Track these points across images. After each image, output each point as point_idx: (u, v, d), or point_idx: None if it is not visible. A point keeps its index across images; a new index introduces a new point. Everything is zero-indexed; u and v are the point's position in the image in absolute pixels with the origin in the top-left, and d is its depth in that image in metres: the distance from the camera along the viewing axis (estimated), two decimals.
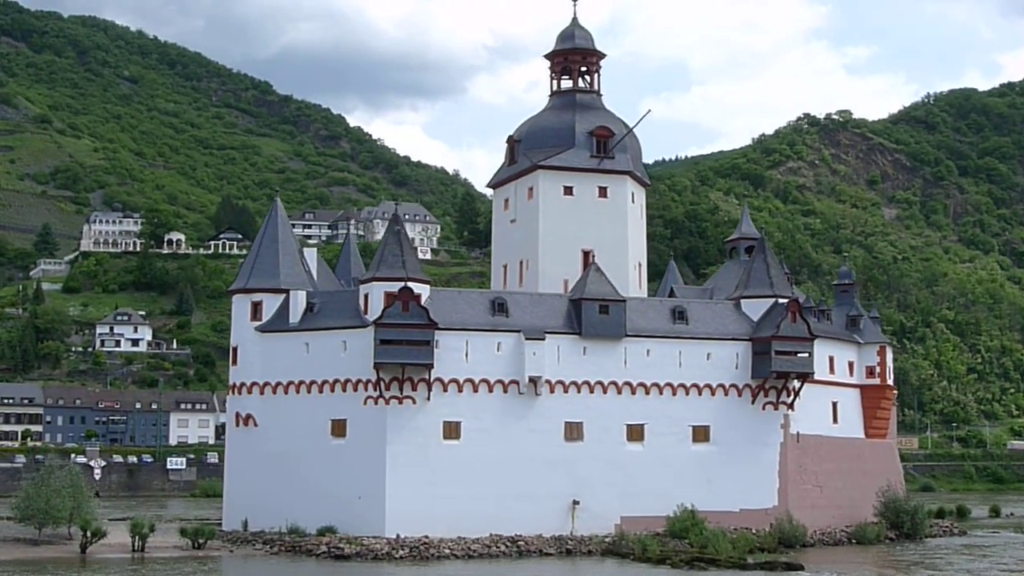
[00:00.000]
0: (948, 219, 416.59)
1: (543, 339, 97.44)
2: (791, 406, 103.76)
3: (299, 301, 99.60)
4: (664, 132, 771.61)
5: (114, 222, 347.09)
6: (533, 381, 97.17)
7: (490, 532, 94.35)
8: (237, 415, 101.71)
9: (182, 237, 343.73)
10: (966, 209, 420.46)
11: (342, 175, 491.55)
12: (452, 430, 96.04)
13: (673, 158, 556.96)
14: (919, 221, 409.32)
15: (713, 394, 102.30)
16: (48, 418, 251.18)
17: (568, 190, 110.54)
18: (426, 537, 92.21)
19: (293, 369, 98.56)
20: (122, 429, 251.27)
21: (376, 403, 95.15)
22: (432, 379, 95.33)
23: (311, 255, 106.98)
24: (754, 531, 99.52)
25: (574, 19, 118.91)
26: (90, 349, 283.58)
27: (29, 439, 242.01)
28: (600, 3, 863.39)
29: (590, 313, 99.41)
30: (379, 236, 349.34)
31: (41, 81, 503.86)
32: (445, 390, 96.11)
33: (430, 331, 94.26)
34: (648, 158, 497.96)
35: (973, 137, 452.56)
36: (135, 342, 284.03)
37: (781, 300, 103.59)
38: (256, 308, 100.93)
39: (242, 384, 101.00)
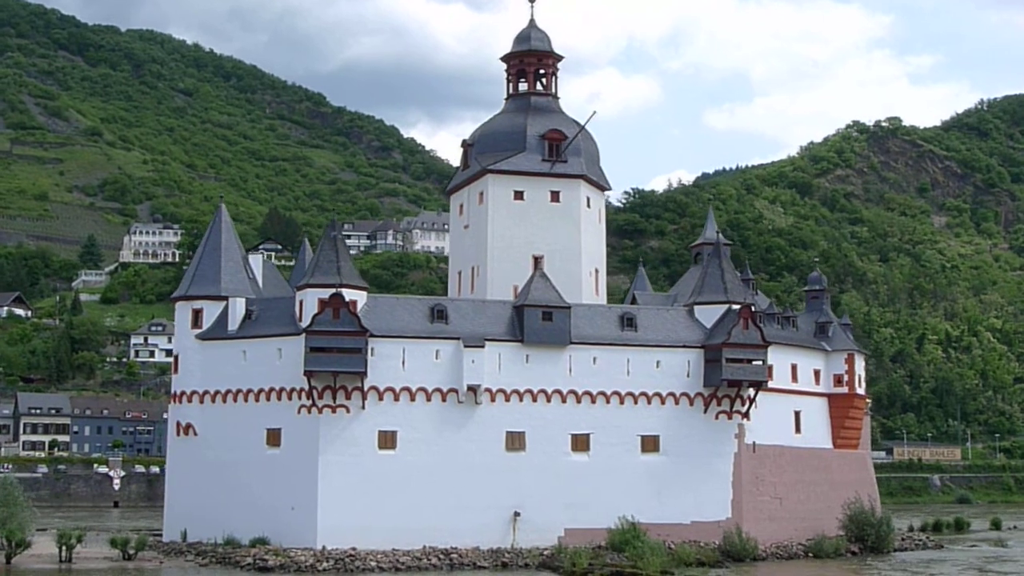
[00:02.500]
0: (999, 227, 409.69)
1: (482, 346, 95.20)
2: (746, 415, 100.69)
3: (238, 308, 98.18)
4: (728, 143, 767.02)
5: (154, 233, 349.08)
6: (472, 390, 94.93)
7: (425, 544, 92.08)
8: (178, 424, 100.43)
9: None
10: (1017, 216, 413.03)
11: (393, 186, 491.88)
12: (388, 440, 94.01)
13: (734, 168, 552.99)
14: (969, 229, 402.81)
15: (663, 403, 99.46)
16: (75, 428, 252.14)
17: (519, 195, 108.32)
18: (353, 549, 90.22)
19: (231, 377, 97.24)
20: (149, 439, 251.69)
21: (309, 412, 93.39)
22: (367, 387, 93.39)
23: (256, 262, 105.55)
24: (703, 544, 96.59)
25: (531, 21, 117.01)
26: (124, 360, 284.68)
27: (56, 449, 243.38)
28: (662, 15, 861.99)
29: (533, 320, 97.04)
30: (418, 247, 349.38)
31: (95, 94, 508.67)
32: (381, 399, 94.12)
33: (362, 338, 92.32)
34: (709, 168, 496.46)
35: None
36: (169, 352, 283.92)
37: (735, 306, 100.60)
38: (197, 316, 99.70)
39: (182, 393, 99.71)
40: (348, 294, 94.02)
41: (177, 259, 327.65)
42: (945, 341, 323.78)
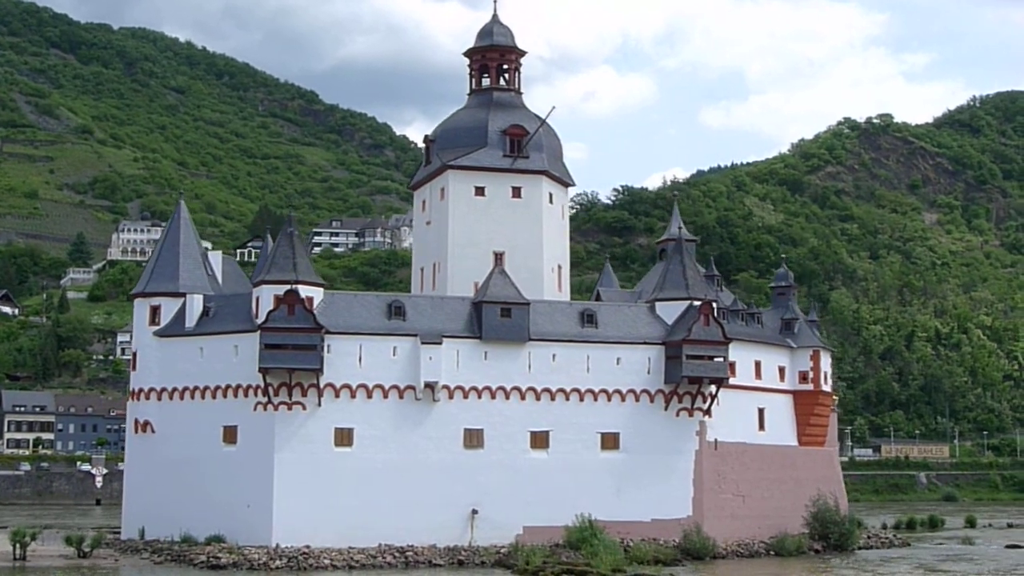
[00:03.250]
0: (990, 223, 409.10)
1: (440, 343, 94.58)
2: (707, 412, 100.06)
3: (195, 305, 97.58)
4: (723, 141, 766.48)
5: (142, 231, 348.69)
6: (430, 387, 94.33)
7: (381, 543, 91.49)
8: (136, 421, 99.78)
9: (209, 245, 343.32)
10: (1009, 213, 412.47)
11: (385, 183, 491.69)
12: (344, 437, 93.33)
13: (729, 165, 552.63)
14: (960, 226, 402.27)
15: (623, 400, 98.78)
16: (60, 426, 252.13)
17: (480, 190, 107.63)
18: (307, 547, 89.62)
19: (188, 374, 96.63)
20: None
21: (265, 409, 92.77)
22: (323, 385, 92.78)
23: (216, 258, 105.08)
24: (662, 542, 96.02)
25: (494, 16, 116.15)
26: (111, 357, 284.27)
27: (40, 447, 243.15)
28: (657, 13, 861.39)
29: (491, 316, 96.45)
30: (407, 244, 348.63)
31: (87, 92, 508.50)
32: (337, 396, 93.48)
33: (317, 335, 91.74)
34: (704, 166, 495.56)
35: (1019, 140, 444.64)
36: None
37: (696, 303, 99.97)
38: (155, 312, 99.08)
39: (140, 390, 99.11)
40: (304, 291, 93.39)
41: None
42: (935, 338, 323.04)
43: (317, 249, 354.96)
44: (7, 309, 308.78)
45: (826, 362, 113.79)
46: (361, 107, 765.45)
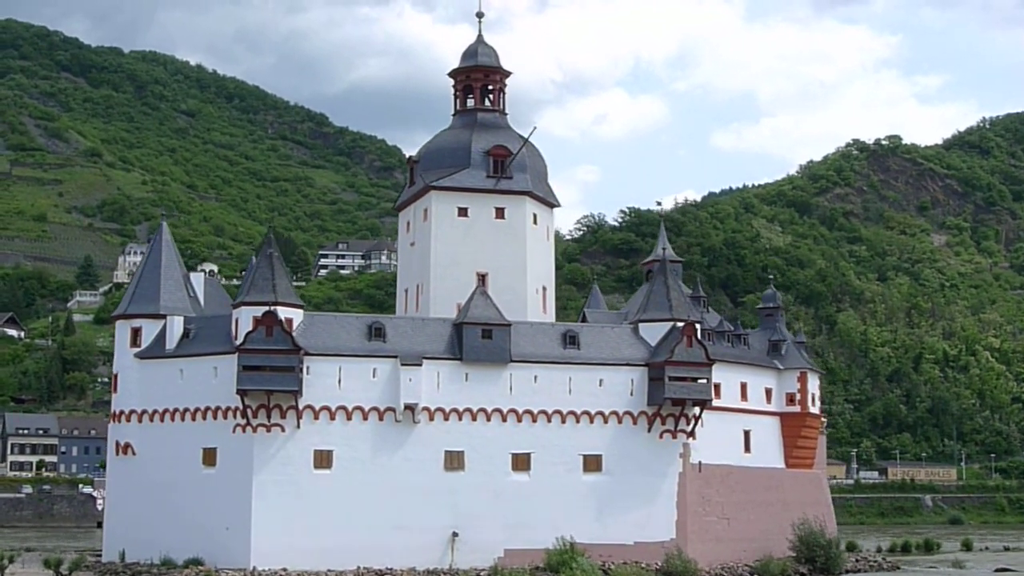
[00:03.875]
0: (999, 245, 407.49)
1: (420, 365, 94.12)
2: (691, 434, 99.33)
3: (176, 327, 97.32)
4: (735, 164, 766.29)
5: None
6: (410, 408, 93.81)
7: (359, 565, 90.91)
8: (117, 443, 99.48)
9: (215, 268, 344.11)
10: (1018, 235, 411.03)
11: (393, 206, 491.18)
12: (323, 459, 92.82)
13: (740, 188, 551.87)
14: (969, 248, 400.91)
15: (606, 422, 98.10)
16: (63, 448, 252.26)
17: (463, 211, 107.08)
18: (284, 570, 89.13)
19: (168, 396, 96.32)
20: None
21: (244, 431, 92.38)
22: (302, 406, 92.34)
23: (198, 280, 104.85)
24: (644, 565, 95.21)
25: (479, 36, 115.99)
26: None
27: (43, 469, 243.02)
28: (669, 36, 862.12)
29: (472, 338, 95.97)
30: None
31: (97, 116, 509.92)
32: (316, 418, 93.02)
33: (295, 356, 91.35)
34: (715, 187, 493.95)
35: None
36: None
37: (679, 324, 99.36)
38: (136, 334, 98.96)
39: (121, 412, 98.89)
40: (284, 312, 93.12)
41: None
42: (943, 360, 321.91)
43: (323, 271, 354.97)
44: (13, 332, 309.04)
45: (814, 384, 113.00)
46: (371, 130, 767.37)
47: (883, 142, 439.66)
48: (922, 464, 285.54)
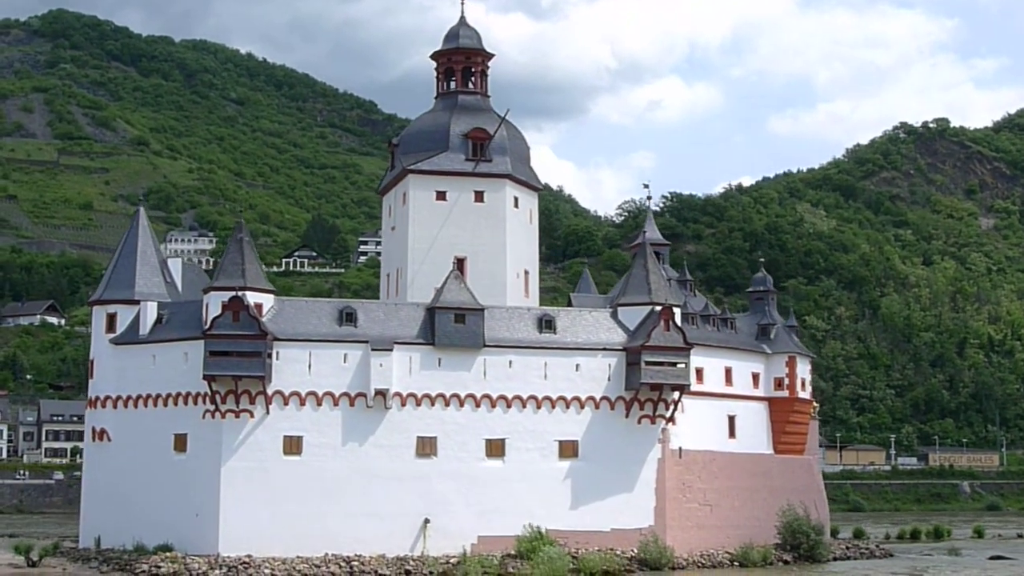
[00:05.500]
0: None
1: (390, 350, 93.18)
2: (670, 419, 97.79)
3: (150, 312, 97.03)
4: (791, 149, 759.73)
5: (190, 241, 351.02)
6: (381, 394, 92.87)
7: (328, 552, 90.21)
8: (93, 430, 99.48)
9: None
10: None
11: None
12: (293, 445, 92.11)
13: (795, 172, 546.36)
14: (1018, 231, 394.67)
15: (583, 407, 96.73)
16: None
17: (441, 195, 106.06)
18: (249, 556, 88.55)
19: (142, 382, 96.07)
20: None
21: (213, 417, 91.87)
22: (271, 392, 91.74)
23: (176, 265, 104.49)
24: (619, 552, 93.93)
25: (461, 18, 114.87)
26: None
27: (78, 456, 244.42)
28: (723, 22, 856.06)
29: (445, 322, 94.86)
30: None
31: (147, 104, 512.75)
32: (286, 403, 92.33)
33: (261, 342, 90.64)
34: (770, 173, 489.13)
35: None
36: None
37: (658, 308, 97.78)
38: (111, 320, 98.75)
39: (96, 398, 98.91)
40: (254, 297, 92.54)
41: (211, 266, 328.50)
42: (987, 345, 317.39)
43: (363, 258, 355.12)
44: (53, 319, 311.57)
45: (803, 368, 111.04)
46: None
47: (931, 125, 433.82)
48: (963, 450, 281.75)
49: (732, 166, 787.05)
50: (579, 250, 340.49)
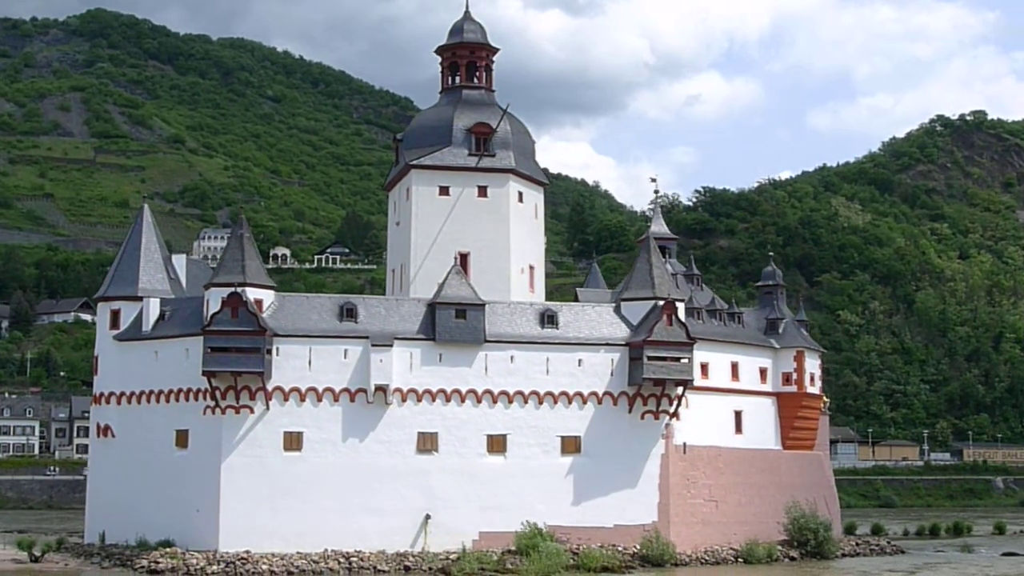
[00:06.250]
0: None
1: (390, 346, 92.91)
2: (674, 415, 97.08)
3: (153, 309, 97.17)
4: (831, 143, 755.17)
5: (222, 238, 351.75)
6: (381, 390, 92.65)
7: (328, 548, 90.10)
8: (98, 426, 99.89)
9: (287, 252, 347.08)
10: None
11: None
12: (293, 441, 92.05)
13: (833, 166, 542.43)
14: None
15: (585, 403, 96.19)
16: None
17: (444, 190, 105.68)
18: (247, 552, 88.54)
19: (144, 378, 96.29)
20: None
21: (213, 413, 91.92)
22: (271, 388, 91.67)
23: (180, 262, 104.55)
24: (621, 548, 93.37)
25: (466, 12, 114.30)
26: None
27: None
28: (761, 17, 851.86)
29: (445, 318, 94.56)
30: None
31: (184, 103, 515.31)
32: (286, 399, 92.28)
33: (260, 338, 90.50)
34: (809, 167, 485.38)
35: None
36: None
37: (660, 302, 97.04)
38: (115, 316, 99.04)
39: (101, 394, 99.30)
40: (254, 293, 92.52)
41: None
42: (1023, 340, 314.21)
43: None
44: (87, 316, 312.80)
45: (812, 363, 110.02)
46: None
47: (968, 117, 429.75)
48: (998, 445, 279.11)
49: (772, 161, 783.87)
50: (611, 245, 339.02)
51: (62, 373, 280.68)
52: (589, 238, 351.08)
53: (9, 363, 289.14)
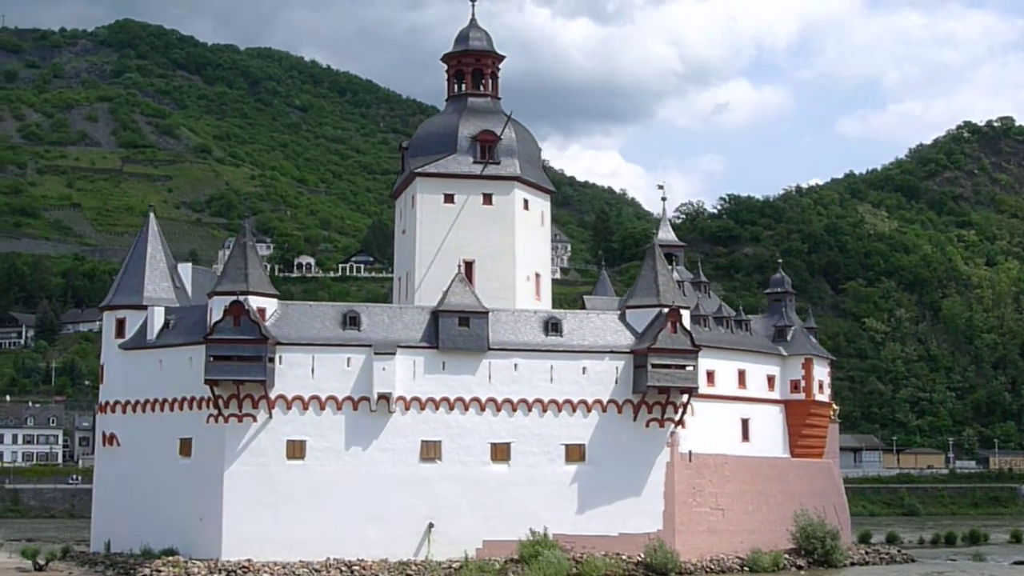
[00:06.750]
0: None
1: (394, 354, 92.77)
2: (679, 423, 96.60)
3: (157, 317, 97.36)
4: (860, 150, 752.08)
5: None
6: (384, 398, 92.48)
7: (330, 556, 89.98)
8: (103, 435, 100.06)
9: (311, 261, 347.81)
10: None
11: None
12: (296, 449, 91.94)
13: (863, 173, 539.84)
14: None
15: (589, 410, 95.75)
16: None
17: (449, 197, 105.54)
18: (248, 561, 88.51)
19: (149, 387, 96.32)
20: None
21: (216, 421, 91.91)
22: (273, 396, 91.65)
23: (186, 270, 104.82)
24: (626, 557, 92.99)
25: (472, 20, 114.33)
26: None
27: None
28: (789, 24, 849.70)
29: (449, 326, 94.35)
30: None
31: (211, 112, 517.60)
32: (289, 408, 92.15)
33: (262, 346, 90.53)
34: (839, 174, 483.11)
35: None
36: None
37: (665, 310, 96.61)
38: (121, 325, 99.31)
39: (107, 403, 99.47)
40: (257, 302, 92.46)
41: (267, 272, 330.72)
42: None
43: None
44: None
45: (821, 371, 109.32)
46: None
47: (995, 124, 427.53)
48: None
49: (800, 169, 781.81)
50: (636, 253, 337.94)
51: (87, 382, 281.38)
52: (614, 245, 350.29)
53: (34, 372, 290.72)
